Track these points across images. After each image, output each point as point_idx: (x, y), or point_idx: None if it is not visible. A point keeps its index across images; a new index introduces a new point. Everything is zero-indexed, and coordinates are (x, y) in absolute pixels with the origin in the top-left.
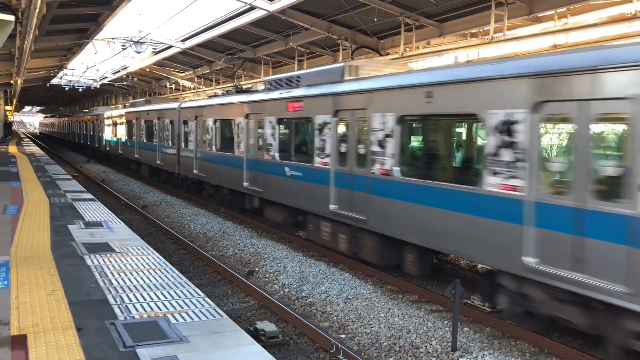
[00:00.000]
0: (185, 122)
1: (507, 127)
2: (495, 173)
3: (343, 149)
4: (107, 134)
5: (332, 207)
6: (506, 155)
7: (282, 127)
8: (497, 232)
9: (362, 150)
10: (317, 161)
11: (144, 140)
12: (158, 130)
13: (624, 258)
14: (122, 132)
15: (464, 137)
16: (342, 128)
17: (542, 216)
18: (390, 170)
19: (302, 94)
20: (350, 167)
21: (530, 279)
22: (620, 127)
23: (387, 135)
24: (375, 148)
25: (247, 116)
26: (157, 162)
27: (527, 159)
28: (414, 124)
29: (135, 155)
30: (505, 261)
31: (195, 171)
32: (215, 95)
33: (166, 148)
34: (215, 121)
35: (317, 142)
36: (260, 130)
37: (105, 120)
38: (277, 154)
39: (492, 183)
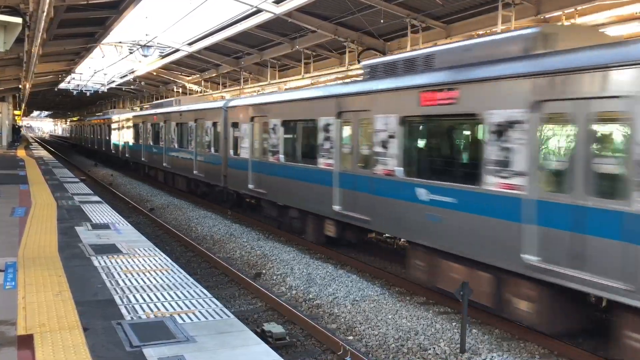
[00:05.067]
0: (235, 125)
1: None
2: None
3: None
4: (127, 139)
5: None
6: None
7: (409, 128)
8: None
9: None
10: (492, 182)
11: (176, 146)
12: (195, 134)
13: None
14: (146, 137)
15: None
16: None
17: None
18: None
19: (453, 78)
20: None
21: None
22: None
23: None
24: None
25: (339, 115)
26: (194, 172)
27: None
28: None
29: (164, 164)
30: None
31: (250, 186)
32: (275, 91)
33: (206, 156)
34: (284, 122)
35: (489, 150)
36: (364, 135)
37: (124, 123)
38: (399, 169)
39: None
